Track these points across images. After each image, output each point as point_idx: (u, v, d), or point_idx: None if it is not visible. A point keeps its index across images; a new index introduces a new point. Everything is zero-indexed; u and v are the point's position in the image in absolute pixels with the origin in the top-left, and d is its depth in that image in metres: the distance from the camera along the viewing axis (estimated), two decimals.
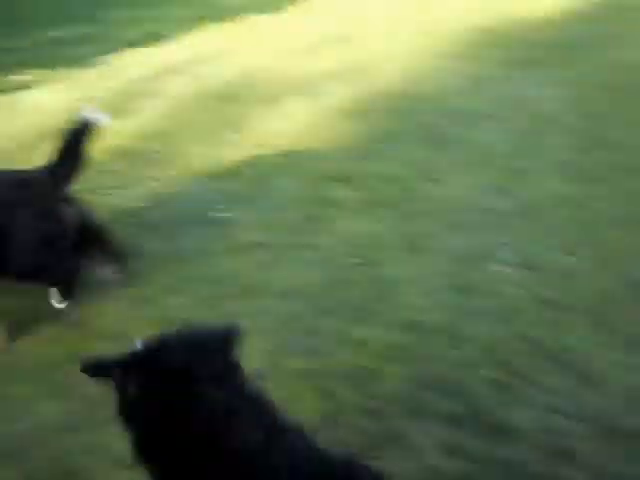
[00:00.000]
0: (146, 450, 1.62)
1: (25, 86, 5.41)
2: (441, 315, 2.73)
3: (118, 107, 4.76)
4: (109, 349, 2.36)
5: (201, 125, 4.40)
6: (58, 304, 2.66)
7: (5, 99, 5.16)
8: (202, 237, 3.23)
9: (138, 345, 1.66)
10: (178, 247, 3.14)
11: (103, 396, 1.71)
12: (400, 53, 5.96)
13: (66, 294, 2.67)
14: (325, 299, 2.77)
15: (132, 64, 5.70)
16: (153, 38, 6.25)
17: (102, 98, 4.95)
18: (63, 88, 5.33)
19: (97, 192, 3.61)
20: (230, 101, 4.75)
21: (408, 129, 4.45)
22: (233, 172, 3.83)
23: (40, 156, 3.97)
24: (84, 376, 1.69)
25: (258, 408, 1.62)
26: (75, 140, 2.71)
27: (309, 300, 2.75)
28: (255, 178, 3.76)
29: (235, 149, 4.07)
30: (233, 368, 1.68)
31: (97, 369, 1.70)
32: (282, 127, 4.29)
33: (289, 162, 3.88)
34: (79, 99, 4.93)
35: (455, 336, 2.62)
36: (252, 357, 2.43)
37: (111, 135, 4.25)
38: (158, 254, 3.08)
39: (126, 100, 4.89)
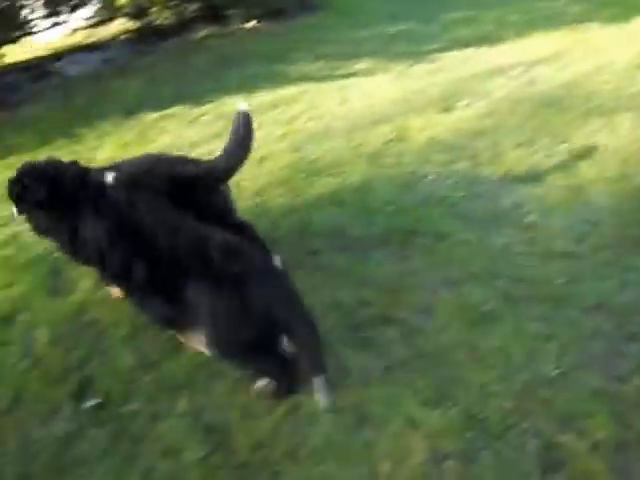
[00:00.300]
0: None
1: (359, 74, 5.93)
2: None
3: (443, 102, 4.98)
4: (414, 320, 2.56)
5: (521, 128, 4.38)
6: None
7: (342, 83, 5.72)
8: (508, 236, 3.26)
9: None
10: (486, 241, 3.22)
11: None
12: None
13: None
14: (634, 323, 2.61)
15: (463, 62, 5.89)
16: (486, 40, 6.38)
17: (428, 92, 5.22)
18: (392, 79, 5.72)
19: (413, 178, 3.85)
20: (554, 108, 4.64)
21: None
22: (546, 179, 3.76)
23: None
24: None
25: None
26: (241, 134, 2.86)
27: (617, 320, 2.62)
28: (569, 188, 3.64)
29: (551, 156, 3.98)
30: None
31: None
32: (606, 142, 4.08)
33: (609, 178, 3.68)
34: (406, 90, 5.27)
35: None
36: (542, 362, 2.44)
37: (434, 128, 4.49)
38: (467, 244, 3.19)
39: (452, 96, 5.08)
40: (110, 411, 2.46)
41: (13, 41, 6.77)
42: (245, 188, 3.91)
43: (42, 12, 7.34)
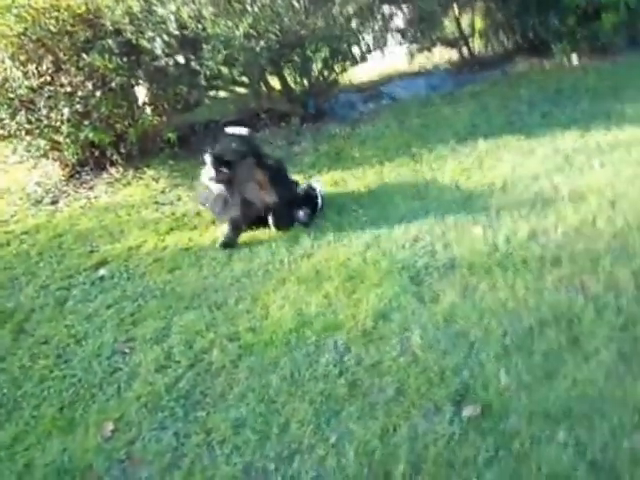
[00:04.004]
0: None
1: None
2: None
3: None
4: None
5: None
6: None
7: None
8: None
9: None
10: None
11: None
12: None
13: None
14: None
15: None
16: None
17: None
18: None
19: None
20: None
21: None
22: None
23: None
24: None
25: None
26: None
27: None
28: None
29: None
30: None
31: None
32: None
33: None
34: None
35: None
36: None
37: None
38: None
39: None
40: (490, 424, 2.57)
41: (356, 65, 7.48)
42: (601, 230, 3.83)
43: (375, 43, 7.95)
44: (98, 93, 5.79)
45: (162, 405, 2.92)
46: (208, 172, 4.40)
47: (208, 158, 4.37)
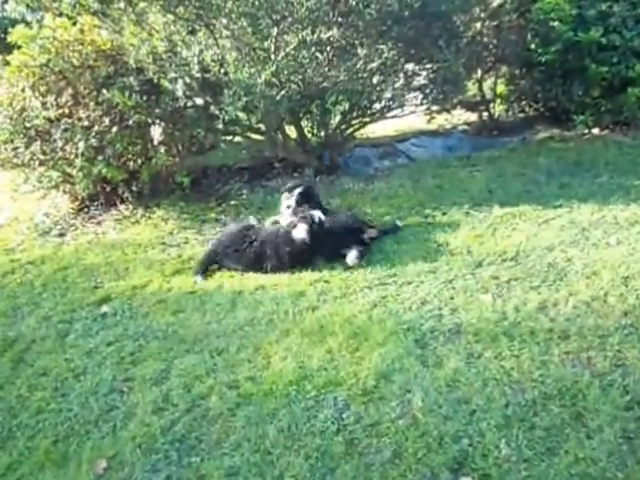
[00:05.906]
0: None
1: None
2: None
3: None
4: None
5: None
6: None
7: None
8: None
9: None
10: None
11: None
12: None
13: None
14: None
15: None
16: None
17: None
18: None
19: None
20: None
21: None
22: None
23: None
24: None
25: None
26: None
27: None
28: None
29: None
30: None
31: None
32: None
33: None
34: None
35: None
36: None
37: None
38: None
39: None
40: None
41: (374, 121, 7.77)
42: (612, 307, 3.97)
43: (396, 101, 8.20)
44: (114, 129, 6.08)
45: (157, 447, 3.03)
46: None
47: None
